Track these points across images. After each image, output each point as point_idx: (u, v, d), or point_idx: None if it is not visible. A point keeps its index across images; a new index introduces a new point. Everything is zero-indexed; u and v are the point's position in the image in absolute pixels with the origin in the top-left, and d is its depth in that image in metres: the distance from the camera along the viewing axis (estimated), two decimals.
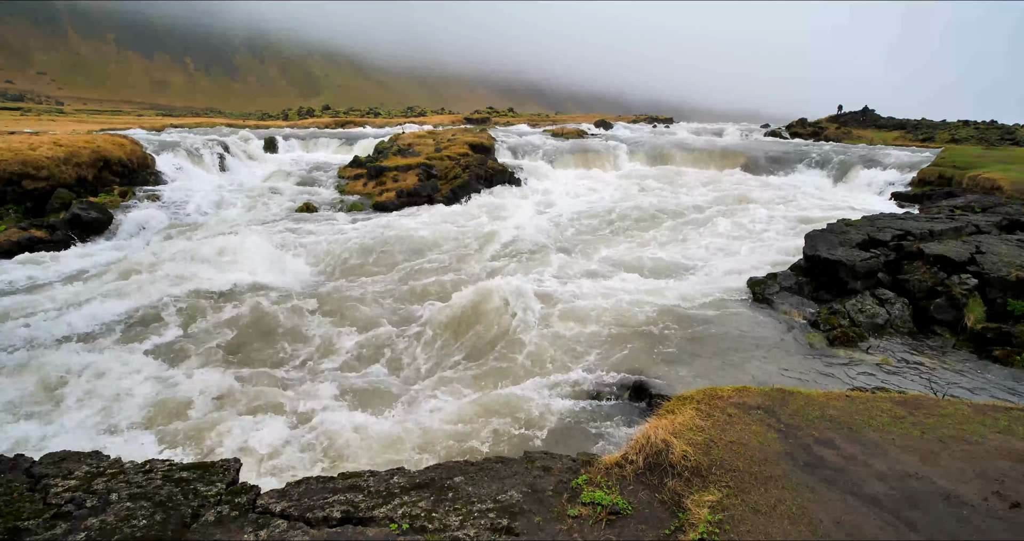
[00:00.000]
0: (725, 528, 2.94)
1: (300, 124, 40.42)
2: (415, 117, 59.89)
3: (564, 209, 17.76)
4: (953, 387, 6.38)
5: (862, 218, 11.43)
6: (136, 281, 10.06)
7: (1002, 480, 3.35)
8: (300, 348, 8.19)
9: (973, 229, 10.32)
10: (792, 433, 3.85)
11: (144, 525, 2.94)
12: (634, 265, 11.73)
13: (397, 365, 7.85)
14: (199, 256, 11.40)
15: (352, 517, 3.06)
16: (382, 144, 25.41)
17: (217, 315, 8.89)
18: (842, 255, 9.27)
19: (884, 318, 8.13)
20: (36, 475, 3.43)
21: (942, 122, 38.98)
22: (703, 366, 6.95)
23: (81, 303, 9.26)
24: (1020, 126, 34.96)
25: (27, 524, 2.90)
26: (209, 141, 23.51)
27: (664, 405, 4.43)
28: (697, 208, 17.66)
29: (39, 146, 15.76)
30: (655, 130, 42.13)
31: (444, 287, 10.38)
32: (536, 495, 3.30)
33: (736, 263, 11.62)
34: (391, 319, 9.06)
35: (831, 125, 39.39)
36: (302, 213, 16.89)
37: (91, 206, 14.39)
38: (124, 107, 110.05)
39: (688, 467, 3.42)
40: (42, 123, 31.15)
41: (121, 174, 17.64)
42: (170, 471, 3.48)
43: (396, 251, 12.59)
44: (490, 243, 13.22)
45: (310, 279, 11.22)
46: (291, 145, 28.56)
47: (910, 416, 4.12)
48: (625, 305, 9.16)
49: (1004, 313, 7.71)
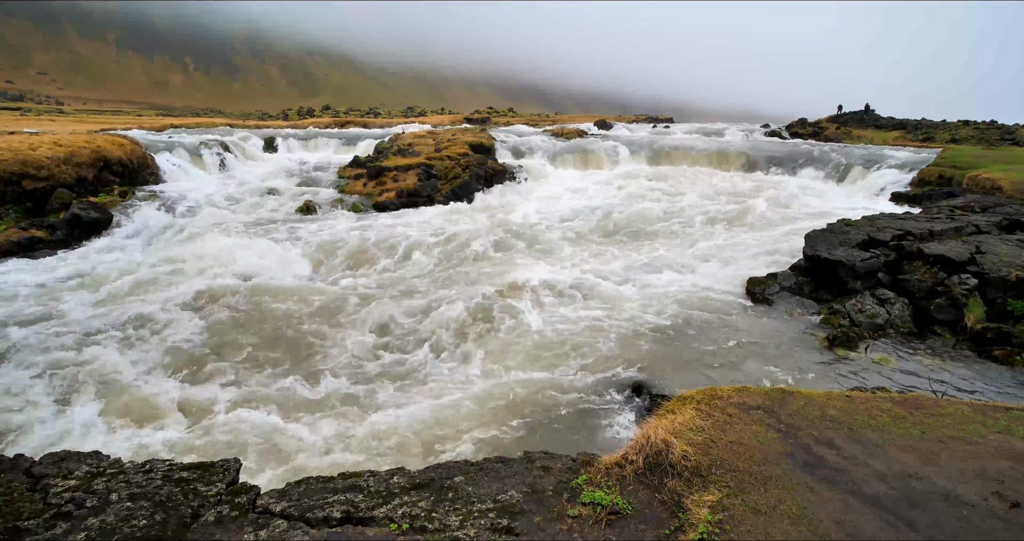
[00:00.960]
0: (725, 528, 2.94)
1: (300, 124, 40.41)
2: (415, 117, 59.89)
3: (564, 209, 17.75)
4: (953, 387, 6.38)
5: (862, 218, 11.43)
6: (136, 281, 10.05)
7: (1002, 480, 3.35)
8: (299, 348, 8.18)
9: (973, 229, 10.33)
10: (792, 433, 3.85)
11: (144, 525, 2.94)
12: (634, 265, 11.73)
13: (400, 362, 7.84)
14: (199, 256, 11.41)
15: (352, 517, 3.06)
16: (382, 144, 25.41)
17: (217, 315, 8.88)
18: (842, 255, 9.27)
19: (884, 318, 8.13)
20: (36, 475, 3.43)
21: (942, 122, 38.97)
22: (703, 366, 6.95)
23: (81, 303, 9.26)
24: (1020, 126, 34.95)
25: (27, 524, 2.90)
26: (209, 141, 23.50)
27: (664, 405, 4.43)
28: (697, 208, 17.66)
29: (39, 146, 15.76)
30: (655, 130, 42.10)
31: (445, 287, 10.37)
32: (536, 495, 3.30)
33: (736, 263, 11.62)
34: (391, 318, 9.06)
35: (831, 125, 39.38)
36: (302, 213, 16.88)
37: (91, 206, 14.39)
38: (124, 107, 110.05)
39: (688, 467, 3.42)
40: (42, 123, 31.14)
41: (121, 174, 17.63)
42: (170, 471, 3.48)
43: (396, 251, 12.59)
44: (490, 243, 13.21)
45: (310, 279, 11.22)
46: (291, 145, 28.53)
47: (910, 416, 4.12)
48: (625, 305, 9.16)
49: (1004, 313, 7.72)
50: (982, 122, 38.04)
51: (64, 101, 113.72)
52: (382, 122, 46.83)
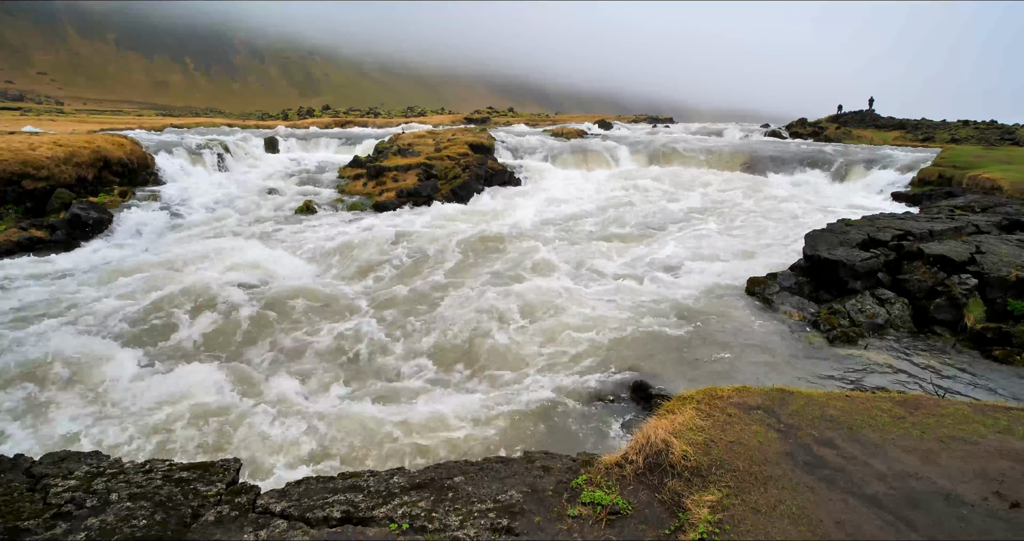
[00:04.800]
0: (725, 528, 2.94)
1: (300, 124, 40.39)
2: (415, 117, 59.89)
3: (564, 209, 17.76)
4: (953, 387, 6.38)
5: (862, 218, 11.43)
6: (136, 281, 10.05)
7: (1002, 480, 3.35)
8: (301, 346, 8.18)
9: (973, 229, 10.32)
10: (792, 433, 3.85)
11: (144, 525, 2.94)
12: (634, 265, 11.73)
13: (397, 364, 7.84)
14: (199, 256, 11.41)
15: (352, 517, 3.06)
16: (382, 144, 25.40)
17: (217, 315, 8.88)
18: (842, 255, 9.27)
19: (884, 318, 8.13)
20: (36, 475, 3.43)
21: (942, 122, 38.98)
22: (703, 366, 6.95)
23: (81, 303, 9.26)
24: (1020, 126, 34.95)
25: (27, 524, 2.90)
26: (209, 141, 23.49)
27: (664, 405, 4.43)
28: (697, 208, 17.66)
29: (39, 146, 15.76)
30: (655, 130, 42.09)
31: (445, 286, 10.37)
32: (536, 495, 3.30)
33: (736, 262, 11.63)
34: (390, 318, 9.06)
35: (831, 125, 39.39)
36: (302, 213, 16.89)
37: (91, 206, 14.39)
38: (124, 107, 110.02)
39: (688, 467, 3.42)
40: (42, 123, 31.14)
41: (121, 174, 17.62)
42: (170, 471, 3.48)
43: (395, 250, 12.59)
44: (490, 242, 13.21)
45: (310, 278, 11.21)
46: (291, 145, 28.52)
47: (910, 416, 4.12)
48: (625, 304, 9.16)
49: (1004, 313, 7.72)
50: (982, 122, 38.05)
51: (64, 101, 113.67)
52: (382, 122, 46.81)
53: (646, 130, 41.97)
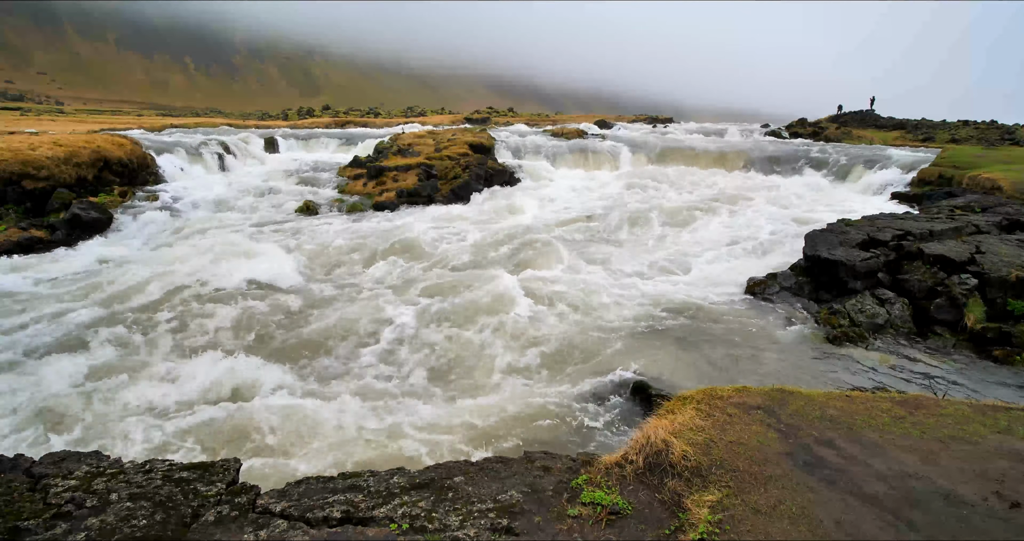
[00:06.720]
0: (725, 528, 2.94)
1: (300, 124, 40.38)
2: (415, 117, 59.87)
3: (564, 208, 17.76)
4: (953, 387, 6.38)
5: (862, 218, 11.44)
6: (135, 281, 10.05)
7: (1002, 480, 3.35)
8: (300, 346, 8.18)
9: (973, 229, 10.33)
10: (792, 433, 3.85)
11: (144, 525, 2.94)
12: (634, 265, 11.73)
13: (395, 363, 7.84)
14: (199, 256, 11.41)
15: (352, 517, 3.06)
16: (382, 144, 25.40)
17: (217, 315, 8.88)
18: (842, 255, 9.27)
19: (884, 318, 8.13)
20: (36, 475, 3.43)
21: (942, 122, 38.96)
22: (703, 366, 6.95)
23: (81, 303, 9.26)
24: (1020, 126, 34.94)
25: (27, 524, 2.90)
26: (209, 141, 23.50)
27: (664, 405, 4.43)
28: (698, 208, 17.65)
29: (39, 146, 15.76)
30: (655, 130, 42.06)
31: (445, 286, 10.37)
32: (536, 495, 3.30)
33: (736, 263, 11.63)
34: (390, 318, 9.06)
35: (831, 125, 39.38)
36: (302, 213, 16.89)
37: (91, 206, 14.39)
38: (124, 107, 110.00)
39: (688, 467, 3.42)
40: (42, 123, 31.12)
41: (121, 174, 17.63)
42: (170, 471, 3.48)
43: (395, 250, 12.59)
44: (490, 242, 13.21)
45: (310, 278, 11.21)
46: (291, 145, 28.53)
47: (910, 416, 4.12)
48: (625, 305, 9.16)
49: (1004, 313, 7.72)
50: (982, 122, 38.03)
51: (64, 101, 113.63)
52: (382, 122, 46.79)
53: (646, 130, 41.95)
